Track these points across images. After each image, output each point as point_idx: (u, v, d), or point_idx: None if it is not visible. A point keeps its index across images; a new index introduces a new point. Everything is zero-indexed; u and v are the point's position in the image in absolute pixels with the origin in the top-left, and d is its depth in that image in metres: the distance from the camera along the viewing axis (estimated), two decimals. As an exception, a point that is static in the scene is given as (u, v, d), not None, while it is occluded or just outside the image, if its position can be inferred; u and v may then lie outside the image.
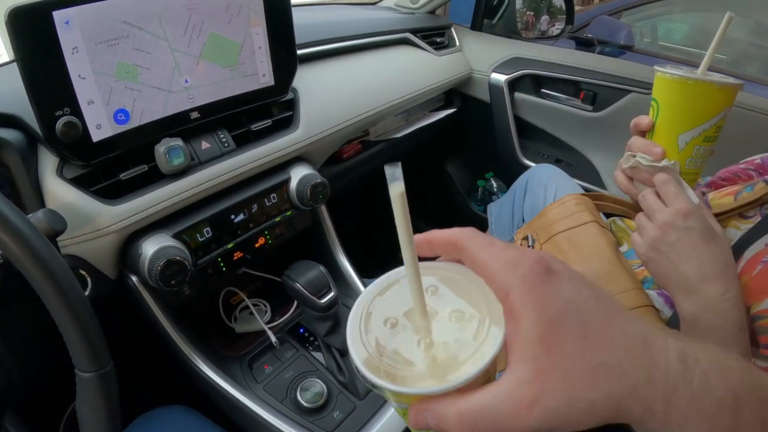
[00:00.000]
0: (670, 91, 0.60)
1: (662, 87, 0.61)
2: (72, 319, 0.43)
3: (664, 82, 0.60)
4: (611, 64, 1.33)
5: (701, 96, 0.58)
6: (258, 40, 0.81)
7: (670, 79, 0.59)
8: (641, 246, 0.62)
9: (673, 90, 0.60)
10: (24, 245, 0.41)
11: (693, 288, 0.58)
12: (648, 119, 0.64)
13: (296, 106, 0.92)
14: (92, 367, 0.45)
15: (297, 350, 0.84)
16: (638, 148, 0.64)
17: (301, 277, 0.78)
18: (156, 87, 0.71)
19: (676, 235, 0.58)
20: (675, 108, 0.61)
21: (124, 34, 0.66)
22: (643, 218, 0.63)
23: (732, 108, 0.59)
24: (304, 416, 0.74)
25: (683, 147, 0.61)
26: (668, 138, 0.62)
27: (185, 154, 0.73)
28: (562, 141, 1.46)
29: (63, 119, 0.62)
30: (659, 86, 0.61)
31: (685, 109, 0.60)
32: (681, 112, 0.60)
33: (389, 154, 1.33)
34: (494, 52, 1.50)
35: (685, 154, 0.62)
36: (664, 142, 0.62)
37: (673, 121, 0.61)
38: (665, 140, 0.62)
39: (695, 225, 0.57)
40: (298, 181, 0.86)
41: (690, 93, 0.58)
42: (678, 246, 0.58)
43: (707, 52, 0.60)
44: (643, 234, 0.62)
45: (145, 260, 0.69)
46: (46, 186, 0.66)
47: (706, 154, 0.61)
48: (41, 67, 0.60)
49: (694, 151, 0.61)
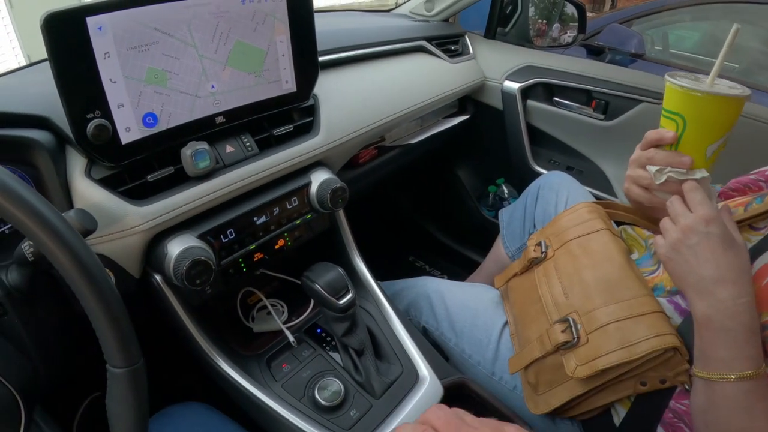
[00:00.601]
0: (700, 107, 0.62)
1: (689, 102, 0.62)
2: (107, 316, 0.44)
3: (691, 99, 0.62)
4: (623, 73, 1.35)
5: (730, 109, 0.61)
6: (282, 48, 0.83)
7: (701, 96, 0.61)
8: (663, 246, 0.65)
9: (703, 105, 0.61)
10: (63, 244, 0.42)
11: (708, 290, 0.60)
12: (672, 133, 0.65)
13: (317, 111, 0.94)
14: (124, 363, 0.46)
15: (314, 350, 0.86)
16: (664, 160, 0.67)
17: (320, 278, 0.80)
18: (184, 92, 0.73)
19: (697, 238, 0.61)
20: (705, 122, 0.63)
21: (154, 40, 0.68)
22: (667, 221, 0.66)
23: None
24: (322, 414, 0.76)
25: (709, 156, 0.64)
26: (697, 149, 0.64)
27: (211, 157, 0.75)
28: (573, 149, 1.47)
29: (94, 122, 0.64)
30: (685, 101, 0.63)
31: (714, 122, 0.62)
32: (710, 125, 0.63)
33: (404, 160, 1.35)
34: (507, 60, 1.52)
35: (710, 161, 0.65)
36: (693, 153, 0.65)
37: (703, 134, 0.63)
38: (693, 151, 0.65)
39: (715, 231, 0.60)
40: (319, 185, 0.88)
41: (721, 107, 0.61)
42: (697, 249, 0.61)
43: (716, 63, 0.62)
44: (666, 235, 0.65)
45: (170, 260, 0.71)
46: (74, 186, 0.67)
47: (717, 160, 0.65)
48: (74, 70, 0.61)
49: (716, 158, 0.65)
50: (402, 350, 0.87)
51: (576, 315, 0.77)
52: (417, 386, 0.82)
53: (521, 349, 0.83)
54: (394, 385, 0.81)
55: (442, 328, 0.98)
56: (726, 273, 0.59)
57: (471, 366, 0.92)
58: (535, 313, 0.84)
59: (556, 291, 0.82)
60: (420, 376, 0.83)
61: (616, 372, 0.71)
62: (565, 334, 0.75)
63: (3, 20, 5.12)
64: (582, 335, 0.74)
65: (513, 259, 1.19)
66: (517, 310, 0.90)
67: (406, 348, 0.87)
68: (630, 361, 0.69)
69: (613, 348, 0.70)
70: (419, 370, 0.84)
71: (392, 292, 1.08)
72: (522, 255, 0.95)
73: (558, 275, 0.84)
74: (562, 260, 0.86)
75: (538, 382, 0.80)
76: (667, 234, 0.65)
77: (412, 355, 0.86)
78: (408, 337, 0.88)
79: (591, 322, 0.74)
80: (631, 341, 0.69)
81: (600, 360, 0.70)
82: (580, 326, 0.75)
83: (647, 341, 0.68)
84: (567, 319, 0.77)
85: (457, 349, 0.94)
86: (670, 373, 0.69)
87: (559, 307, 0.80)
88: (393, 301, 0.96)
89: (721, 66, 0.62)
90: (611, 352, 0.70)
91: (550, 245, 0.90)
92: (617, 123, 1.34)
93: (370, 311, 0.93)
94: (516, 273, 0.95)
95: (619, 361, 0.69)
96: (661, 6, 2.50)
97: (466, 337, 0.94)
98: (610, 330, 0.72)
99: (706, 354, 0.61)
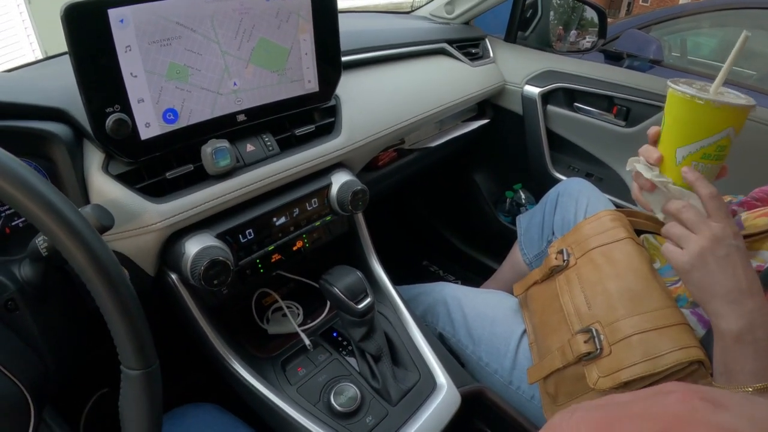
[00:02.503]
0: (671, 105, 0.63)
1: (668, 100, 0.63)
2: (123, 316, 0.43)
3: (669, 96, 0.63)
4: (645, 80, 1.33)
5: (699, 113, 0.60)
6: (305, 47, 0.82)
7: (671, 93, 0.62)
8: (684, 255, 0.63)
9: (673, 103, 0.62)
10: (79, 240, 0.41)
11: (737, 300, 0.59)
12: (655, 128, 0.67)
13: (338, 112, 0.93)
14: (139, 365, 0.45)
15: (330, 354, 0.85)
16: (642, 151, 0.68)
17: (339, 281, 0.79)
18: (205, 88, 0.72)
19: (726, 250, 0.60)
20: (674, 121, 0.63)
21: (177, 35, 0.67)
22: (679, 228, 0.64)
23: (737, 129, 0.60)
24: (337, 420, 0.75)
25: (680, 160, 0.63)
26: (668, 149, 0.64)
27: (231, 155, 0.74)
28: (593, 155, 1.45)
29: (113, 116, 0.63)
30: (667, 99, 0.63)
31: (683, 123, 0.62)
32: (680, 126, 0.62)
33: (423, 163, 1.34)
34: (528, 65, 1.50)
35: (682, 167, 0.63)
36: (664, 152, 0.65)
37: (672, 134, 0.63)
38: (665, 151, 0.65)
39: (742, 245, 0.60)
40: (339, 187, 0.87)
41: (687, 109, 0.60)
42: (727, 260, 0.60)
43: (721, 70, 0.62)
44: (687, 244, 0.63)
45: (188, 259, 0.70)
46: (91, 181, 0.66)
47: (705, 172, 0.63)
48: (94, 63, 0.60)
49: (691, 166, 0.63)
50: (419, 357, 0.86)
51: (599, 325, 0.75)
52: (434, 394, 0.80)
53: (541, 359, 0.82)
54: (411, 392, 0.80)
55: (459, 334, 0.96)
56: (752, 285, 0.59)
57: (488, 374, 0.91)
58: (557, 322, 0.82)
59: (579, 300, 0.81)
60: (437, 384, 0.82)
61: (640, 384, 0.69)
62: (588, 345, 0.74)
63: (21, 16, 5.17)
64: (605, 346, 0.73)
65: (530, 267, 1.17)
66: (537, 319, 0.88)
67: (424, 354, 0.86)
68: (654, 373, 0.67)
69: (637, 360, 0.69)
70: (437, 378, 0.82)
71: (408, 297, 1.06)
72: (543, 263, 0.94)
73: (581, 284, 0.82)
74: (584, 269, 0.84)
75: (557, 392, 0.79)
76: (687, 243, 0.63)
77: (429, 362, 0.84)
78: (425, 344, 0.87)
79: (614, 333, 0.73)
80: (655, 353, 0.68)
81: (623, 372, 0.69)
82: (603, 337, 0.73)
83: (672, 354, 0.67)
84: (590, 330, 0.75)
85: (474, 356, 0.93)
86: None
87: (581, 317, 0.79)
88: (410, 307, 0.94)
89: (728, 71, 0.61)
90: (635, 364, 0.69)
91: (572, 253, 0.88)
92: (638, 130, 1.32)
93: (388, 316, 0.92)
94: (536, 281, 0.93)
95: (643, 373, 0.68)
96: (680, 12, 2.48)
97: (483, 345, 0.92)
98: (633, 342, 0.71)
99: (730, 368, 0.60)
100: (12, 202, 0.39)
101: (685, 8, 2.48)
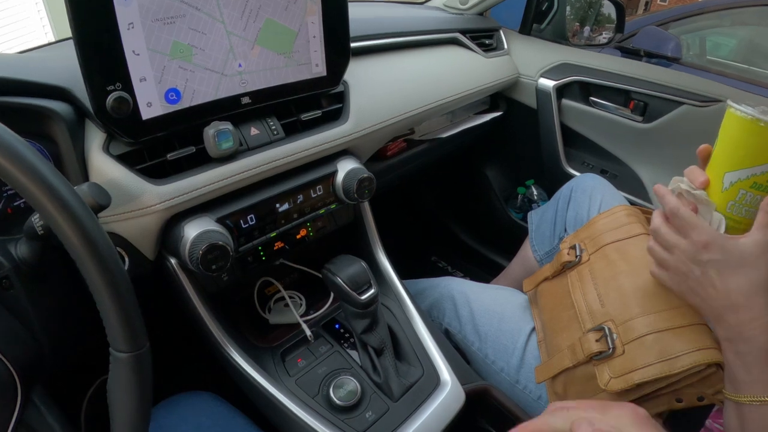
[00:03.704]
0: (728, 124, 0.57)
1: (725, 120, 0.58)
2: (112, 297, 0.42)
3: (727, 115, 0.57)
4: (664, 74, 1.29)
5: (758, 136, 0.54)
6: (313, 29, 0.80)
7: (730, 112, 0.57)
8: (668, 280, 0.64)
9: (730, 123, 0.57)
10: (69, 216, 0.40)
11: (720, 317, 0.58)
12: (706, 145, 0.62)
13: (346, 98, 0.91)
14: (128, 348, 0.43)
15: (332, 346, 0.83)
16: (687, 171, 0.63)
17: (342, 271, 0.76)
18: (209, 69, 0.70)
19: (699, 269, 0.58)
20: (725, 142, 0.58)
21: (181, 13, 0.65)
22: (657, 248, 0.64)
23: None
24: (336, 414, 0.73)
25: (727, 186, 0.58)
26: (715, 173, 0.59)
27: (234, 138, 0.72)
28: (608, 151, 1.42)
29: (114, 94, 0.62)
30: (725, 119, 0.58)
31: (737, 146, 0.56)
32: (733, 148, 0.57)
33: (433, 155, 1.32)
34: (543, 57, 1.47)
35: (728, 195, 0.58)
36: (711, 175, 0.60)
37: (724, 156, 0.58)
38: (713, 174, 0.59)
39: (716, 257, 0.57)
40: (345, 175, 0.85)
41: (745, 130, 0.55)
42: (702, 279, 0.58)
43: None
44: (666, 266, 0.63)
45: (186, 243, 0.68)
46: (91, 161, 0.65)
47: (754, 203, 0.57)
48: (96, 40, 0.59)
49: (738, 194, 0.57)
50: (423, 352, 0.83)
51: (612, 324, 0.72)
52: (437, 391, 0.78)
53: (550, 358, 0.79)
54: (413, 388, 0.77)
55: (465, 331, 0.94)
56: (736, 298, 0.56)
57: (494, 372, 0.88)
58: (567, 319, 0.79)
59: (591, 297, 0.78)
60: (441, 381, 0.79)
61: (653, 387, 0.67)
62: (600, 344, 0.71)
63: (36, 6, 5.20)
64: (618, 346, 0.70)
65: (541, 264, 1.14)
66: (547, 316, 0.85)
67: (428, 350, 0.83)
68: (669, 375, 0.65)
69: (652, 361, 0.66)
70: (440, 374, 0.80)
71: (414, 291, 1.04)
72: (554, 258, 0.91)
73: (593, 281, 0.80)
74: (598, 265, 0.81)
75: (566, 393, 0.76)
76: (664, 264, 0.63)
77: (433, 358, 0.82)
78: (430, 339, 0.85)
79: (628, 332, 0.70)
80: (670, 354, 0.65)
81: (636, 373, 0.67)
82: (616, 336, 0.71)
83: (688, 355, 0.64)
84: (602, 328, 0.73)
85: (480, 353, 0.90)
86: (709, 390, 0.65)
87: (593, 314, 0.76)
88: (416, 301, 0.92)
89: None
90: (649, 365, 0.66)
91: (585, 249, 0.86)
92: (656, 126, 1.28)
93: (392, 309, 0.89)
94: (547, 277, 0.90)
95: (658, 375, 0.65)
96: (699, 9, 2.42)
97: (490, 342, 0.90)
98: (648, 341, 0.68)
99: (731, 375, 0.58)
100: (3, 175, 0.38)
101: (705, 5, 2.42)
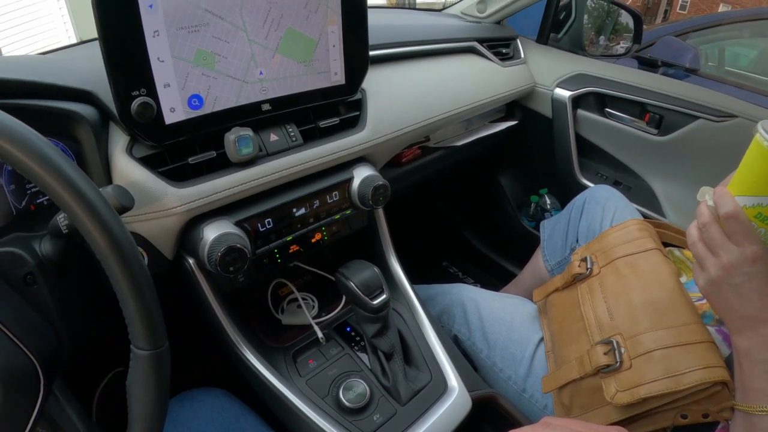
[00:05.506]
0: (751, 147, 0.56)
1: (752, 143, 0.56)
2: (135, 297, 0.43)
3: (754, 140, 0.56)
4: (680, 87, 1.29)
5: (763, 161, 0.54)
6: (333, 39, 0.81)
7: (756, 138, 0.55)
8: (701, 279, 0.61)
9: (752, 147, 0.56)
10: (96, 218, 0.41)
11: (748, 326, 0.58)
12: None
13: (364, 106, 0.92)
14: (149, 345, 0.45)
15: (342, 348, 0.84)
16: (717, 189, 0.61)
17: (355, 276, 0.78)
18: (231, 76, 0.72)
19: (741, 278, 0.57)
20: (744, 166, 0.57)
21: (205, 22, 0.67)
22: (703, 250, 0.61)
23: None
24: (344, 415, 0.74)
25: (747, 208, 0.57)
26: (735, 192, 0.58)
27: (254, 144, 0.74)
28: (622, 163, 1.42)
29: (139, 99, 0.63)
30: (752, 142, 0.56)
31: (750, 170, 0.56)
32: (745, 171, 0.57)
33: (447, 162, 1.33)
34: (559, 67, 1.48)
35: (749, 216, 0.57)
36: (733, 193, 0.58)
37: (737, 177, 0.58)
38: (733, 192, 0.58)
39: (762, 270, 0.56)
40: (361, 182, 0.86)
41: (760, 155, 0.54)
42: (741, 289, 0.57)
43: None
44: (704, 268, 0.61)
45: (205, 244, 0.70)
46: (114, 163, 0.67)
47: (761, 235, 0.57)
48: (122, 47, 0.61)
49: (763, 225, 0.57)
50: (432, 357, 0.84)
51: (620, 337, 0.73)
52: (445, 396, 0.79)
53: (557, 368, 0.80)
54: (421, 393, 0.78)
55: (474, 338, 0.95)
56: None
57: (501, 380, 0.89)
58: (576, 331, 0.80)
59: (600, 310, 0.78)
60: (449, 386, 0.80)
61: (658, 402, 0.68)
62: (608, 357, 0.72)
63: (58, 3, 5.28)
64: (625, 359, 0.71)
65: (552, 274, 1.15)
66: (556, 326, 0.86)
67: (437, 356, 0.84)
68: (675, 391, 0.65)
69: (658, 376, 0.67)
70: (448, 380, 0.81)
71: (425, 297, 1.05)
72: (565, 270, 0.91)
73: (603, 294, 0.80)
74: (608, 279, 0.82)
75: (572, 404, 0.77)
76: (704, 267, 0.61)
77: (442, 364, 0.83)
78: (439, 345, 0.86)
79: (636, 346, 0.71)
80: (677, 371, 0.66)
81: (643, 388, 0.67)
82: (623, 350, 0.71)
83: (695, 372, 0.65)
84: (610, 341, 0.73)
85: (488, 361, 0.91)
86: (714, 407, 0.65)
87: (602, 327, 0.77)
88: (426, 307, 0.93)
89: None
90: (656, 381, 0.67)
91: (596, 262, 0.86)
92: (671, 139, 1.28)
93: (402, 314, 0.91)
94: (557, 288, 0.91)
95: (664, 390, 0.66)
96: (718, 20, 2.40)
97: (498, 350, 0.91)
98: (655, 357, 0.69)
99: (745, 385, 0.59)
100: (33, 178, 0.40)
101: (724, 16, 2.40)
